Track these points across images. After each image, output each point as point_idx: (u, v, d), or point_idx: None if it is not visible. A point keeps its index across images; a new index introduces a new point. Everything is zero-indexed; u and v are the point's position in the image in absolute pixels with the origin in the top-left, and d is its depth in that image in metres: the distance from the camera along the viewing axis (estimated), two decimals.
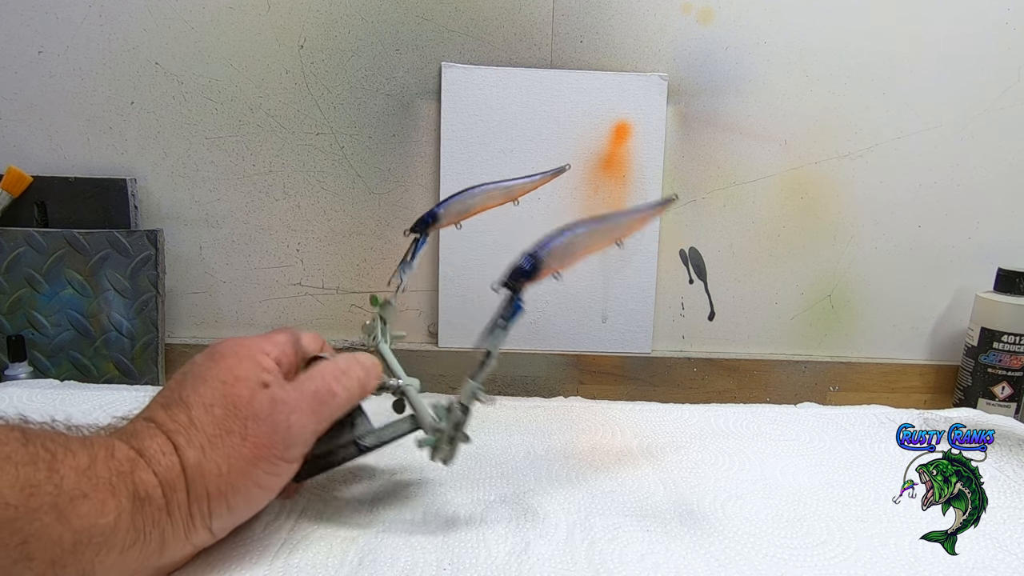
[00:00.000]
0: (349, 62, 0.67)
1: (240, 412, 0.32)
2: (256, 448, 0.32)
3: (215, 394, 0.32)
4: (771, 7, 0.67)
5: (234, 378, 0.33)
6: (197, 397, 0.32)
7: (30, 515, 0.25)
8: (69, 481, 0.27)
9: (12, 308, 0.66)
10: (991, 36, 0.68)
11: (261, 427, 0.32)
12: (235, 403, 0.32)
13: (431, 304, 0.72)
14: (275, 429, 0.32)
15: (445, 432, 0.36)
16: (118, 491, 0.28)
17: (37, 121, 0.67)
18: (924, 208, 0.72)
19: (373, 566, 0.34)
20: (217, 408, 0.32)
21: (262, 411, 0.32)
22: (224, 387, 0.32)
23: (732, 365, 0.73)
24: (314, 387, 0.35)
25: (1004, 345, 0.67)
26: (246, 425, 0.32)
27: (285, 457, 0.33)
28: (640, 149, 0.69)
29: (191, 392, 0.32)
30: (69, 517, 0.26)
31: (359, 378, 0.37)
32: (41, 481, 0.26)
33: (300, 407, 0.33)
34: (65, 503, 0.26)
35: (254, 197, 0.70)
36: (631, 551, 0.36)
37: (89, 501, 0.27)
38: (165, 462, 0.30)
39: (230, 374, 0.33)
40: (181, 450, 0.31)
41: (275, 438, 0.32)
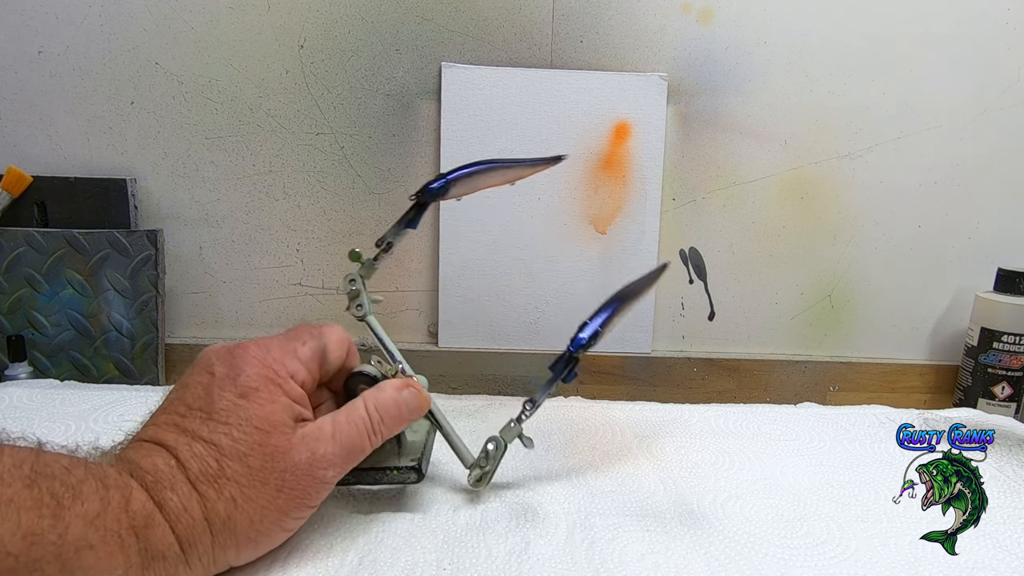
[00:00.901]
0: (349, 62, 0.67)
1: (277, 465, 0.31)
2: (291, 500, 0.31)
3: (251, 442, 0.31)
4: (771, 7, 0.67)
5: (268, 424, 0.31)
6: (230, 442, 0.30)
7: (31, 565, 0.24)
8: (75, 530, 0.26)
9: (12, 308, 0.66)
10: (991, 36, 0.68)
11: (298, 481, 0.32)
12: (271, 455, 0.31)
13: (431, 304, 0.72)
14: (311, 483, 0.32)
15: (490, 469, 0.40)
16: (127, 545, 0.27)
17: (37, 121, 0.67)
18: (924, 208, 0.72)
19: (373, 566, 0.34)
20: (253, 460, 0.31)
21: (300, 465, 0.32)
22: (260, 436, 0.31)
23: (732, 365, 0.73)
24: (349, 442, 0.34)
25: (1004, 345, 0.67)
26: (283, 478, 0.31)
27: (314, 505, 0.33)
28: (640, 149, 0.69)
29: (223, 435, 0.31)
30: (72, 569, 0.25)
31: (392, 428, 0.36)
32: (45, 529, 0.25)
33: (335, 462, 0.33)
34: (69, 554, 0.25)
35: (254, 197, 0.70)
36: (631, 551, 0.36)
37: (95, 553, 0.26)
38: (186, 519, 0.29)
39: (265, 421, 0.31)
40: (209, 503, 0.29)
41: (310, 489, 0.32)
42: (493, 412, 0.55)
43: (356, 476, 0.37)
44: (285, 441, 0.31)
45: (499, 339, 0.72)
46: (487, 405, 0.56)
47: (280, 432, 0.32)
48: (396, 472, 0.38)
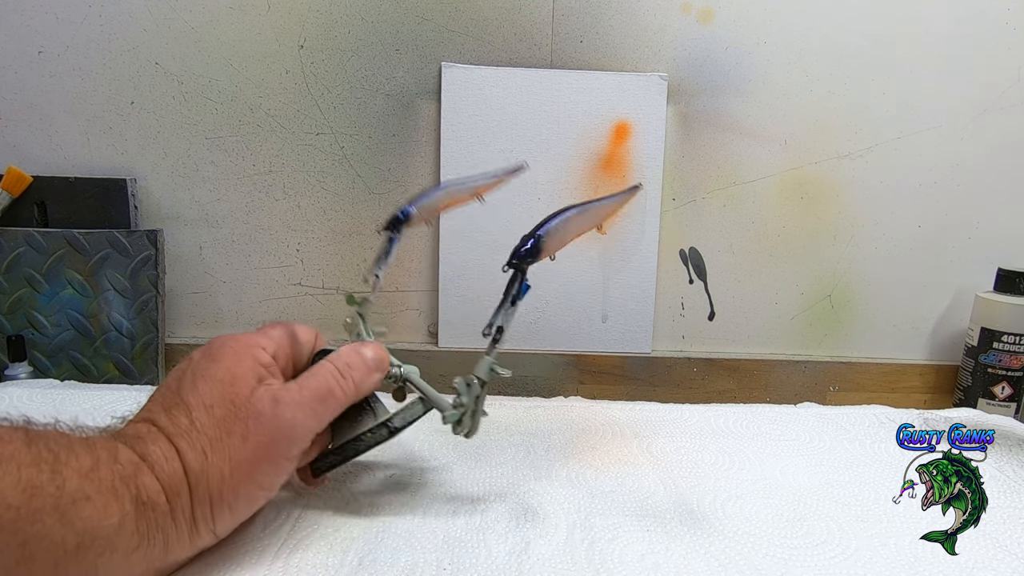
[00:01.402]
0: (349, 62, 0.67)
1: (241, 412, 0.32)
2: (258, 448, 0.32)
3: (215, 394, 0.32)
4: (771, 7, 0.67)
5: (233, 377, 0.33)
6: (197, 398, 0.32)
7: (32, 516, 0.25)
8: (72, 483, 0.27)
9: (12, 308, 0.66)
10: (991, 36, 0.68)
11: (263, 427, 0.32)
12: (235, 403, 0.32)
13: (431, 304, 0.72)
14: (277, 428, 0.32)
15: (468, 406, 0.38)
16: (121, 495, 0.28)
17: (37, 121, 0.67)
18: (924, 208, 0.72)
19: (373, 566, 0.34)
20: (217, 409, 0.32)
21: (263, 411, 0.32)
22: (223, 387, 0.32)
23: (732, 365, 0.73)
24: (315, 386, 0.35)
25: (1004, 345, 0.67)
26: (247, 425, 0.32)
27: (286, 456, 0.33)
28: (640, 149, 0.69)
29: (190, 393, 0.32)
30: (72, 519, 0.26)
31: (360, 377, 0.37)
32: (43, 482, 0.26)
33: (301, 406, 0.33)
34: (67, 505, 0.26)
35: (254, 197, 0.70)
36: (631, 551, 0.36)
37: (92, 504, 0.27)
38: (168, 468, 0.30)
39: (228, 373, 0.33)
40: (184, 455, 0.31)
41: (277, 437, 0.32)
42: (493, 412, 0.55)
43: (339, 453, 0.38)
44: (248, 391, 0.33)
45: None
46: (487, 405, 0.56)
47: (243, 382, 0.33)
48: (369, 435, 0.38)
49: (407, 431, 0.39)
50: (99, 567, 0.27)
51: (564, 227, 0.40)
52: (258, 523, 0.37)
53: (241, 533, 0.35)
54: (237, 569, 0.33)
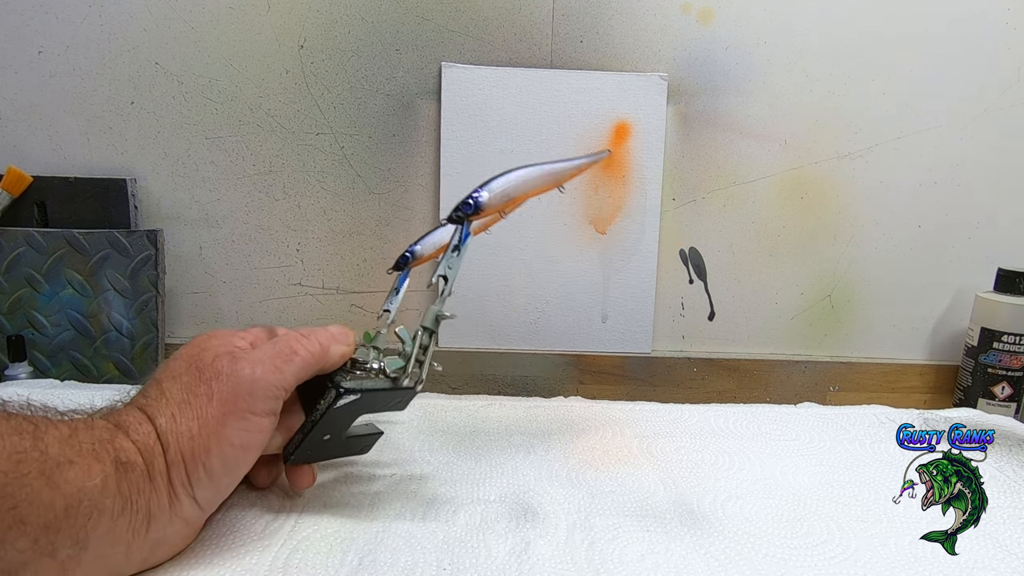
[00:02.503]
0: (349, 62, 0.67)
1: (204, 374, 0.34)
2: (222, 404, 0.33)
3: (182, 365, 0.34)
4: (771, 7, 0.67)
5: (201, 349, 0.35)
6: (167, 372, 0.34)
7: (20, 480, 0.27)
8: (54, 448, 0.28)
9: (12, 308, 0.66)
10: (991, 36, 0.68)
11: (224, 383, 0.33)
12: (199, 367, 0.34)
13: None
14: (238, 382, 0.34)
15: (413, 353, 0.39)
16: (101, 456, 0.30)
17: (37, 121, 0.67)
18: (924, 208, 0.72)
19: (373, 566, 0.34)
20: (184, 376, 0.34)
21: (223, 368, 0.34)
22: (190, 359, 0.34)
23: (732, 365, 0.73)
24: (276, 346, 0.36)
25: (1004, 345, 0.67)
26: (211, 385, 0.33)
27: (253, 410, 0.34)
28: (640, 149, 0.69)
29: (162, 371, 0.35)
30: (58, 482, 0.27)
31: (321, 341, 0.38)
32: (27, 448, 0.27)
33: (261, 362, 0.35)
34: (53, 468, 0.28)
35: (254, 197, 0.70)
36: (631, 551, 0.36)
37: (75, 467, 0.28)
38: (142, 430, 0.32)
39: (198, 347, 0.35)
40: (154, 419, 0.32)
41: (239, 390, 0.33)
42: (493, 412, 0.55)
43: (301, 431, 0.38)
44: (212, 356, 0.34)
45: (499, 339, 0.72)
46: (487, 405, 0.56)
47: (209, 352, 0.35)
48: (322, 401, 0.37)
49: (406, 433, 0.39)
50: (88, 531, 0.28)
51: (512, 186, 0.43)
52: (258, 523, 0.37)
53: (241, 533, 0.35)
54: (238, 569, 0.33)
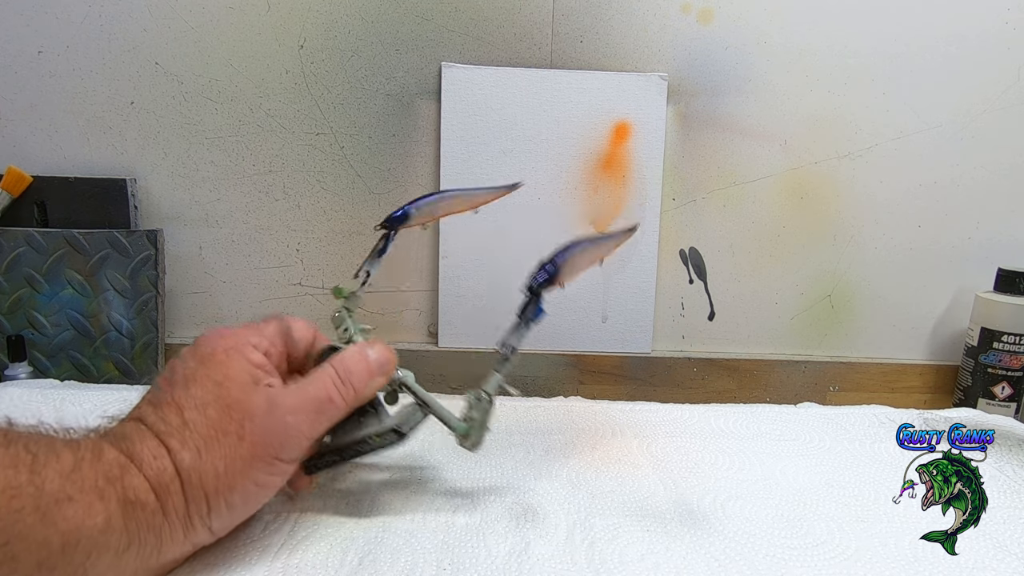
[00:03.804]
0: (349, 62, 0.67)
1: (235, 412, 0.32)
2: (253, 447, 0.32)
3: (208, 395, 0.32)
4: (771, 7, 0.67)
5: (225, 377, 0.32)
6: (189, 398, 0.32)
7: (12, 516, 0.25)
8: (52, 484, 0.27)
9: (12, 308, 0.66)
10: (991, 36, 0.68)
11: (257, 426, 0.32)
12: (229, 403, 0.32)
13: (431, 304, 0.72)
14: (272, 430, 0.32)
15: (477, 419, 0.38)
16: (106, 495, 0.28)
17: (37, 121, 0.67)
18: (924, 208, 0.72)
19: (373, 566, 0.34)
20: (211, 409, 0.31)
21: (258, 411, 0.32)
22: (217, 388, 0.32)
23: (732, 365, 0.73)
24: (314, 393, 0.34)
25: (1004, 345, 0.67)
26: (243, 425, 0.31)
27: (281, 458, 0.33)
28: (640, 149, 0.69)
29: (182, 393, 0.32)
30: (54, 519, 0.26)
31: (362, 384, 0.36)
32: (23, 483, 0.26)
33: (298, 411, 0.33)
34: (49, 505, 0.26)
35: (254, 197, 0.70)
36: (631, 551, 0.36)
37: (75, 504, 0.27)
38: (157, 466, 0.30)
39: (221, 373, 0.33)
40: (175, 453, 0.30)
41: (271, 439, 0.32)
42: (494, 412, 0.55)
43: (340, 454, 0.37)
44: (243, 393, 0.32)
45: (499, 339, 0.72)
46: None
47: (238, 385, 0.32)
48: (376, 438, 0.37)
49: None
50: (88, 569, 0.27)
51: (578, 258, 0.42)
52: (258, 523, 0.37)
53: (241, 533, 0.35)
54: (237, 569, 0.33)
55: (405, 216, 0.46)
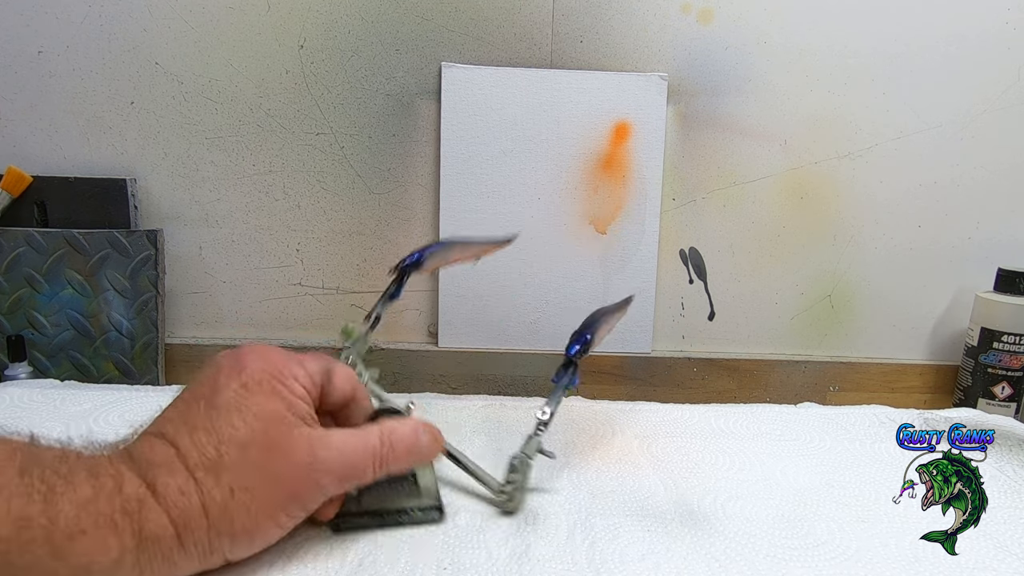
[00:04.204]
0: (349, 62, 0.67)
1: (276, 457, 0.31)
2: (287, 496, 0.31)
3: (250, 432, 0.31)
4: (771, 7, 0.67)
5: (270, 415, 0.31)
6: (230, 430, 0.30)
7: (21, 548, 0.25)
8: (66, 516, 0.26)
9: (12, 308, 0.66)
10: (991, 36, 0.68)
11: (296, 478, 0.31)
12: (270, 445, 0.31)
13: (431, 304, 0.72)
14: (308, 485, 0.32)
15: (520, 482, 0.39)
16: (121, 529, 0.27)
17: (37, 121, 0.67)
18: (924, 208, 0.72)
19: (373, 566, 0.34)
20: (253, 450, 0.30)
21: (299, 464, 0.31)
22: (261, 424, 0.31)
23: (732, 365, 0.73)
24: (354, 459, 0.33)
25: (1004, 345, 0.67)
26: (281, 472, 0.31)
27: (307, 509, 0.33)
28: (640, 149, 0.69)
29: (223, 423, 0.31)
30: (65, 553, 0.26)
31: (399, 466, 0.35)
32: (34, 514, 0.26)
33: (334, 470, 0.32)
34: (61, 538, 0.26)
35: (254, 197, 0.70)
36: (632, 551, 0.36)
37: (88, 537, 0.26)
38: (182, 503, 0.29)
39: (264, 409, 0.31)
40: (206, 491, 0.29)
41: (304, 490, 0.32)
42: (493, 412, 0.55)
43: (378, 519, 0.36)
44: (286, 435, 0.31)
45: (499, 339, 0.72)
46: (487, 405, 0.56)
47: (282, 425, 0.31)
48: (419, 512, 0.37)
49: None
50: None
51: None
52: None
53: None
54: (236, 570, 0.33)
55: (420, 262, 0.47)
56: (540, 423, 0.41)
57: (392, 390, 0.48)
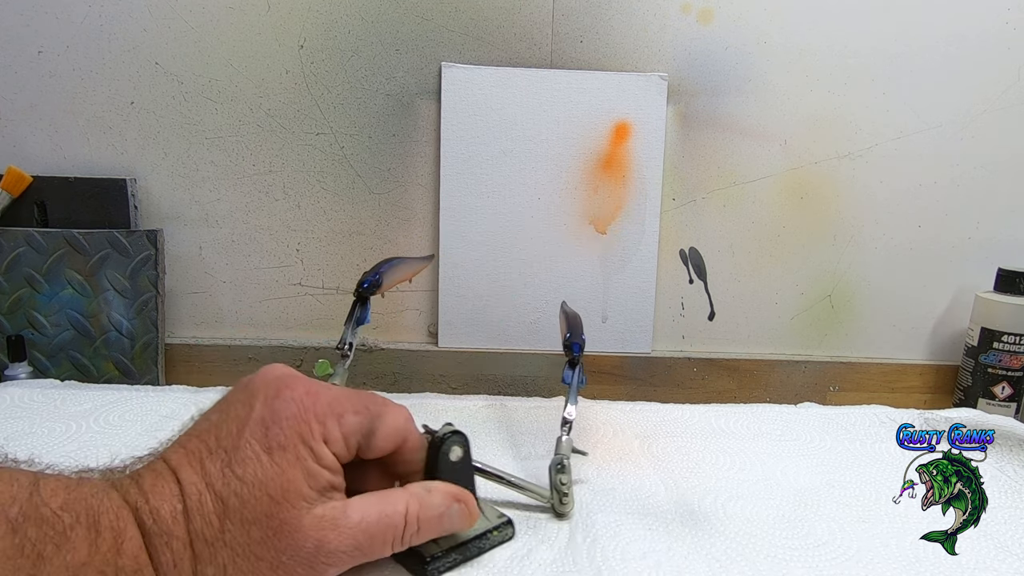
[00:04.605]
0: (349, 62, 0.67)
1: (278, 543, 0.28)
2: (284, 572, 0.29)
3: (258, 510, 0.28)
4: (771, 7, 0.67)
5: (284, 495, 0.29)
6: (238, 504, 0.28)
7: None
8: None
9: (12, 308, 0.66)
10: (991, 36, 0.68)
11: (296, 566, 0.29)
12: (277, 529, 0.28)
13: (431, 304, 0.72)
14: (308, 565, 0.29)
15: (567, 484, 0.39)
16: None
17: (37, 121, 0.67)
18: (924, 208, 0.72)
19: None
20: (255, 530, 0.28)
21: (302, 552, 0.29)
22: (270, 504, 0.29)
23: (732, 365, 0.73)
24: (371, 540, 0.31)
25: (1004, 345, 0.67)
26: (280, 559, 0.29)
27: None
28: (640, 149, 0.69)
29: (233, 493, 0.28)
30: None
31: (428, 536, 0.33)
32: None
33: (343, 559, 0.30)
34: None
35: (254, 197, 0.70)
36: (633, 549, 0.36)
37: None
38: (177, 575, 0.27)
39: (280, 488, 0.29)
40: (200, 565, 0.28)
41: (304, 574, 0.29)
42: (493, 412, 0.55)
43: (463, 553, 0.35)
44: (296, 518, 0.29)
45: (499, 339, 0.72)
46: (488, 405, 0.56)
47: (293, 505, 0.29)
48: (496, 533, 0.37)
49: None
50: None
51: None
52: None
53: None
54: None
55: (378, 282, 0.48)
56: (567, 423, 0.41)
57: (392, 390, 0.48)
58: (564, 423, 0.42)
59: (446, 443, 0.35)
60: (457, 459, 0.35)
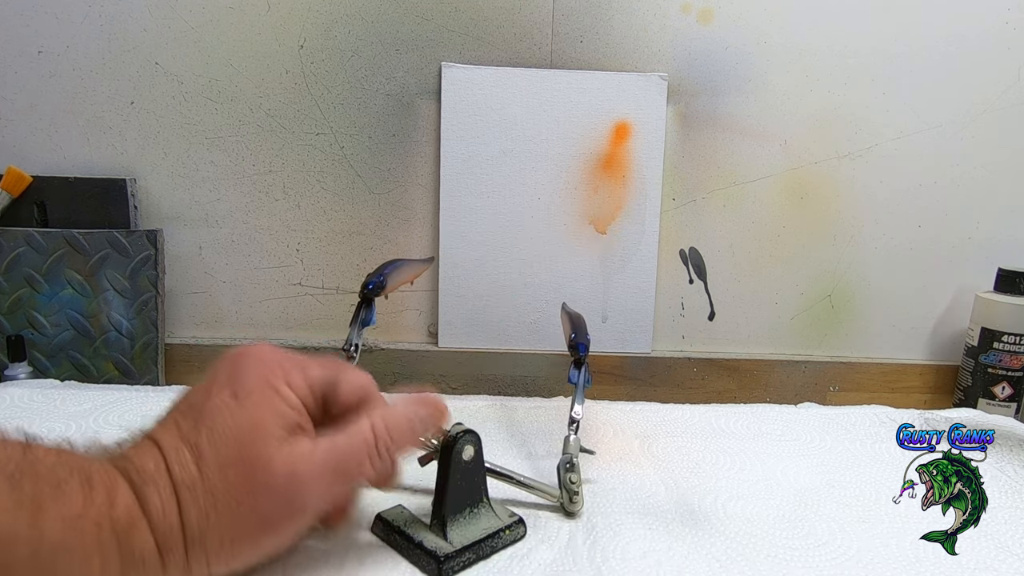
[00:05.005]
0: (349, 62, 0.67)
1: (255, 481, 0.29)
2: (265, 523, 0.30)
3: (232, 453, 0.29)
4: (771, 7, 0.67)
5: (254, 429, 0.30)
6: (212, 449, 0.29)
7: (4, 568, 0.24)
8: (53, 532, 0.25)
9: (12, 308, 0.66)
10: (991, 36, 0.68)
11: (274, 502, 0.30)
12: (251, 467, 0.29)
13: (431, 304, 0.72)
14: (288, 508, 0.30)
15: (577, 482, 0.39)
16: (107, 550, 0.26)
17: (37, 121, 0.67)
18: (924, 208, 0.72)
19: (373, 567, 0.34)
20: (231, 471, 0.29)
21: (276, 486, 0.29)
22: (242, 446, 0.30)
23: (732, 365, 0.73)
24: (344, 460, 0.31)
25: (1004, 345, 0.67)
26: (257, 498, 0.29)
27: (292, 532, 0.31)
28: (640, 149, 0.69)
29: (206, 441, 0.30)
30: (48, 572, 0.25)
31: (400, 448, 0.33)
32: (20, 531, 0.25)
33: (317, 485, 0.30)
34: (45, 556, 0.25)
35: (254, 197, 0.70)
36: (633, 548, 0.36)
37: (72, 556, 0.25)
38: (165, 523, 0.28)
39: (250, 423, 0.30)
40: (184, 510, 0.29)
41: (284, 515, 0.30)
42: (494, 412, 0.55)
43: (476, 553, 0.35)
44: (266, 455, 0.30)
45: (499, 339, 0.72)
46: (488, 405, 0.56)
47: (264, 442, 0.30)
48: (508, 532, 0.36)
49: None
50: None
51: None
52: None
53: None
54: None
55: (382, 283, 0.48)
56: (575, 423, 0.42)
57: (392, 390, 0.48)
58: (572, 422, 0.42)
59: (459, 442, 0.35)
60: (469, 458, 0.36)
